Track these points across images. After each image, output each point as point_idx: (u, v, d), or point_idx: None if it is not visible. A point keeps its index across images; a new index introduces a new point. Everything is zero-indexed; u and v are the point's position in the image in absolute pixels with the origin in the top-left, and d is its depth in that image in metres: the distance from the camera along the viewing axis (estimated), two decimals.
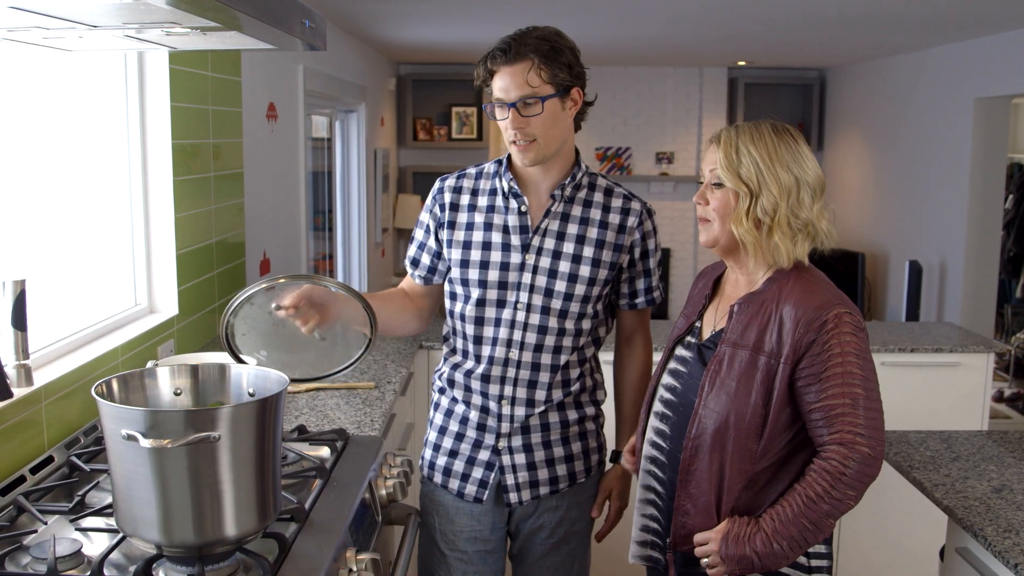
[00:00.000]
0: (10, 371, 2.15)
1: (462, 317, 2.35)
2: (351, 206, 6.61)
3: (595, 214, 2.31)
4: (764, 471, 1.93)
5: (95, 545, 1.81)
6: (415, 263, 2.46)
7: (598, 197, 2.32)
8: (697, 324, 2.10)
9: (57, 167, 2.61)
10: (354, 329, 2.23)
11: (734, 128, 1.98)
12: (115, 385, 1.74)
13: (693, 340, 2.08)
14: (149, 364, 2.00)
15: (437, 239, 2.39)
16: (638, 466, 2.19)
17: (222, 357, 2.24)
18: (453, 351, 2.41)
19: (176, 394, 1.82)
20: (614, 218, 2.31)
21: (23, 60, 2.41)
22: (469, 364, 2.35)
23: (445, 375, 2.43)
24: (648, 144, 9.06)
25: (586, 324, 2.34)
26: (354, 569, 1.86)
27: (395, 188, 8.32)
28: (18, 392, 2.14)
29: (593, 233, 2.30)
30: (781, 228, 1.93)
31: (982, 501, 2.27)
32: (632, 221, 2.32)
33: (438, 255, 2.41)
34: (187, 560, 1.68)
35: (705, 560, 1.94)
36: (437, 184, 2.40)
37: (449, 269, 2.39)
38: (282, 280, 2.12)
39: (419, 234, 2.44)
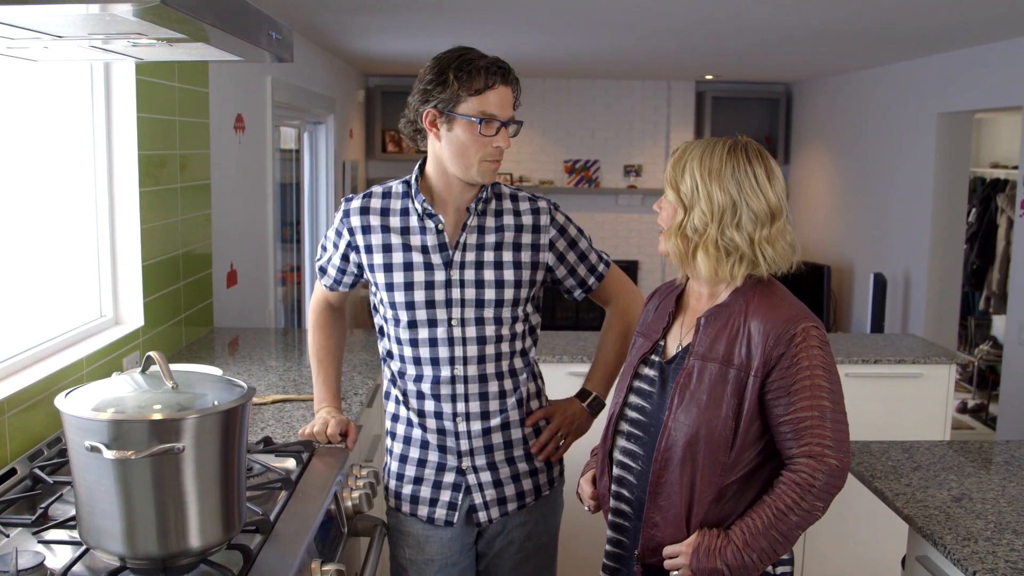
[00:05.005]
0: None
1: (398, 340, 2.34)
2: (319, 218, 6.60)
3: (507, 220, 2.33)
4: (733, 483, 1.94)
5: (58, 558, 1.79)
6: (323, 271, 2.47)
7: (506, 204, 2.35)
8: (661, 343, 2.10)
9: (21, 177, 2.59)
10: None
11: (693, 143, 2.00)
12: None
13: (657, 359, 2.08)
14: (114, 376, 1.99)
15: (345, 259, 2.39)
16: (601, 504, 2.17)
17: (188, 367, 2.24)
18: (396, 375, 2.39)
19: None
20: (526, 220, 2.34)
21: None
22: (414, 386, 2.35)
23: (393, 402, 2.42)
24: (616, 157, 9.10)
25: (520, 327, 2.37)
26: None
27: None
28: None
29: (509, 238, 2.32)
30: (706, 247, 1.93)
31: (942, 510, 2.30)
32: (544, 220, 2.35)
33: (342, 271, 2.42)
34: (151, 572, 1.67)
35: (675, 574, 1.94)
36: (343, 206, 2.38)
37: (353, 282, 2.45)
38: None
39: (329, 246, 2.44)
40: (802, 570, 3.89)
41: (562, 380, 3.65)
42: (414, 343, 2.31)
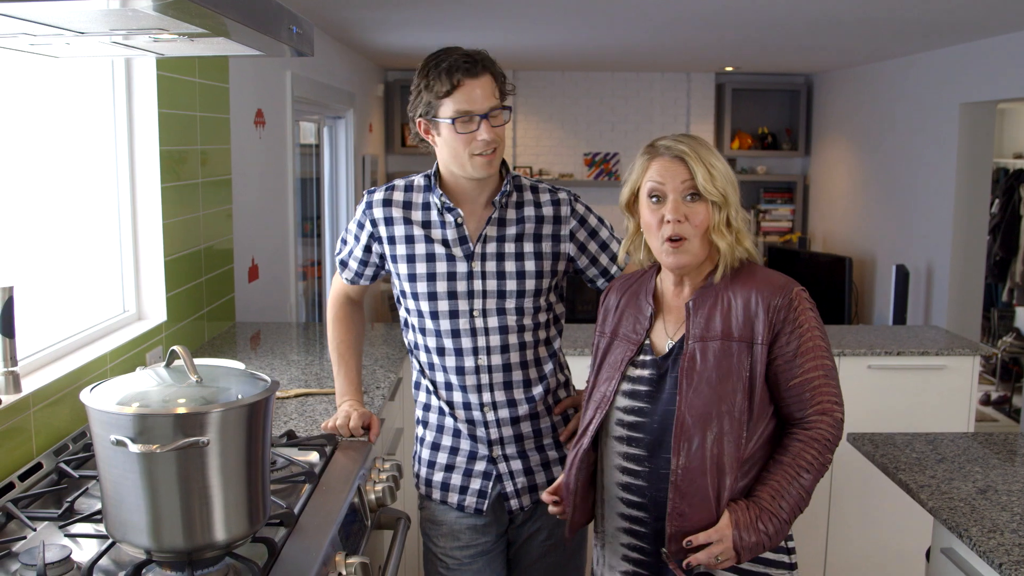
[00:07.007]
0: None
1: (422, 331, 2.39)
2: (339, 212, 6.61)
3: (528, 212, 2.37)
4: (749, 456, 1.95)
5: (84, 551, 1.81)
6: (344, 265, 2.52)
7: (527, 196, 2.38)
8: (647, 343, 2.08)
9: (44, 174, 2.61)
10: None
11: (685, 141, 2.02)
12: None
13: (648, 358, 2.06)
14: (138, 370, 2.00)
15: (367, 250, 2.44)
16: (567, 505, 2.12)
17: (212, 361, 2.25)
18: (424, 366, 2.44)
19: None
20: (547, 211, 2.37)
21: (9, 66, 2.41)
22: (443, 377, 2.40)
23: (424, 392, 2.47)
24: (636, 149, 8.99)
25: (542, 317, 2.40)
26: (343, 573, 1.86)
27: None
28: (6, 399, 2.14)
29: (530, 229, 2.36)
30: (742, 230, 2.01)
31: (967, 502, 2.29)
32: (565, 210, 2.39)
33: (364, 263, 2.47)
34: (177, 565, 1.68)
35: (718, 559, 1.90)
36: (365, 198, 2.43)
37: (375, 274, 2.49)
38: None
39: (349, 239, 2.49)
40: (826, 561, 3.88)
41: (584, 372, 3.65)
42: (437, 334, 2.36)
